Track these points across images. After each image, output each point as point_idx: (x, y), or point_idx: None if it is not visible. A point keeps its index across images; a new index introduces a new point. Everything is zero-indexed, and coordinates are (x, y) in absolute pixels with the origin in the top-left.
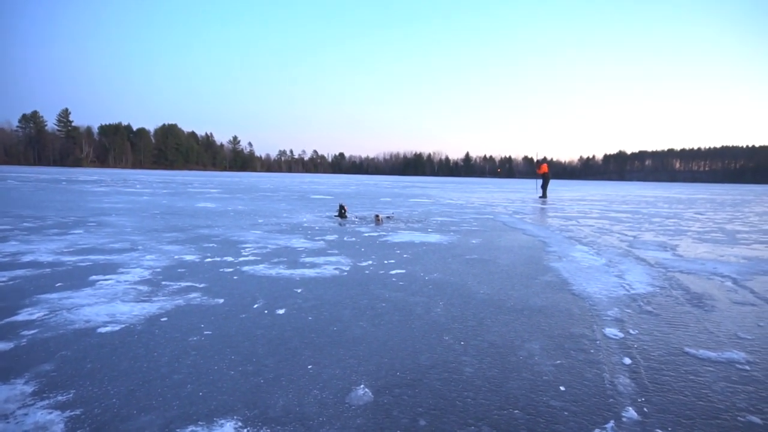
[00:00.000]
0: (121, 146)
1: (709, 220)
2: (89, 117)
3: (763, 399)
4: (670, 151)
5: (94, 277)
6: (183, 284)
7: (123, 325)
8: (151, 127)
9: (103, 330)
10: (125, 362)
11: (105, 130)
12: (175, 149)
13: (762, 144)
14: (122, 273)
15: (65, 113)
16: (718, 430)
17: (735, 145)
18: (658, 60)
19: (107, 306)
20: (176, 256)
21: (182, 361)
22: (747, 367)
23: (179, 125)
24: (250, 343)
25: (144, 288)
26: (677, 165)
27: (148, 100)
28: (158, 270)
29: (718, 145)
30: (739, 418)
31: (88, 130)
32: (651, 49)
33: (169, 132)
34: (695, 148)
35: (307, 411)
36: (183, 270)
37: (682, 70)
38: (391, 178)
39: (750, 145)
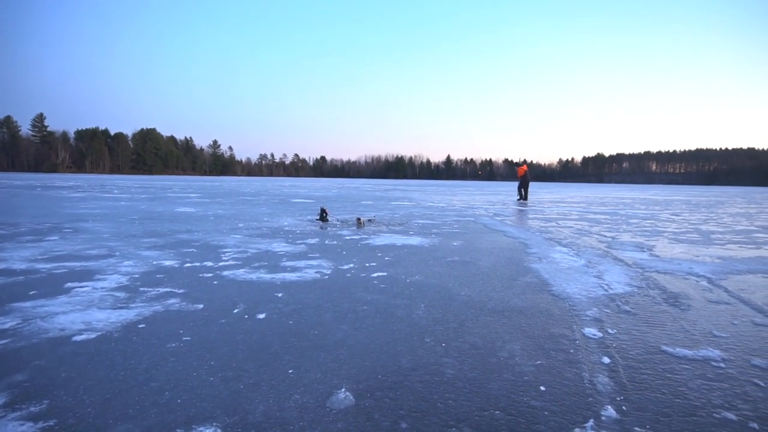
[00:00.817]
0: (99, 151)
1: (685, 221)
2: (65, 121)
3: (738, 396)
4: (647, 154)
5: (69, 285)
6: (161, 290)
7: (99, 333)
8: (129, 131)
9: (78, 338)
10: (101, 370)
11: (81, 134)
12: (154, 154)
13: (735, 146)
14: (99, 280)
15: (40, 118)
16: (694, 427)
17: (709, 147)
18: (636, 64)
19: (83, 313)
20: (155, 262)
21: (160, 368)
22: (722, 365)
23: (158, 129)
24: (230, 349)
25: (121, 294)
26: (654, 167)
27: (125, 105)
28: (136, 276)
29: (693, 148)
30: (714, 414)
31: (64, 135)
32: (629, 54)
33: (147, 136)
34: (671, 150)
35: (288, 416)
36: (162, 276)
37: (658, 74)
38: (373, 181)
39: (723, 148)
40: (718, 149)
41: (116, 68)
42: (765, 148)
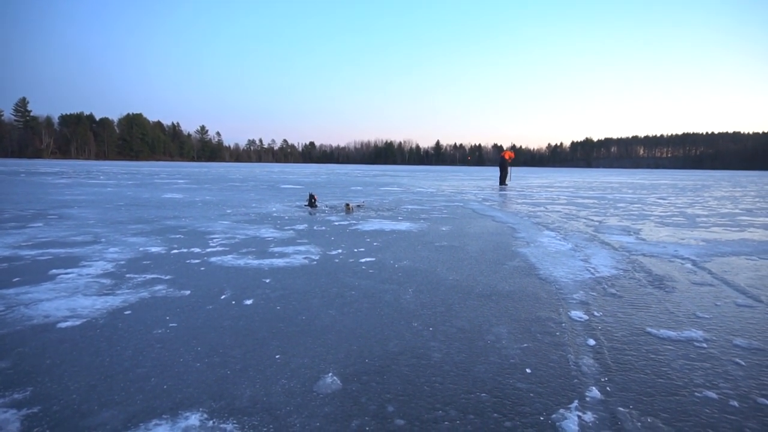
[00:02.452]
0: (84, 137)
1: (671, 205)
2: (49, 106)
3: (719, 375)
4: (635, 138)
5: (54, 271)
6: (148, 276)
7: (84, 320)
8: (114, 116)
9: (63, 325)
10: (86, 357)
11: (66, 119)
12: (141, 139)
13: (721, 131)
14: (84, 266)
15: (23, 102)
16: (676, 406)
17: (695, 132)
18: (624, 50)
19: (68, 300)
20: (141, 248)
21: (146, 354)
22: (704, 345)
23: (144, 115)
24: (217, 335)
25: (107, 281)
26: (641, 152)
27: (111, 89)
28: (122, 262)
29: (680, 132)
30: (696, 394)
31: (48, 119)
32: (617, 40)
33: (134, 122)
34: (658, 135)
35: (275, 401)
36: (148, 262)
37: (645, 60)
38: (362, 167)
39: (709, 132)
40: (704, 133)
41: (101, 52)
42: (750, 132)
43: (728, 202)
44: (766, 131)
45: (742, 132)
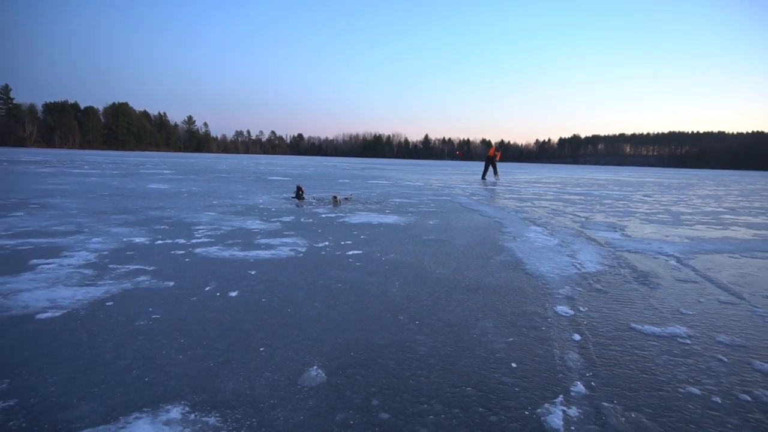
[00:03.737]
0: (68, 125)
1: (656, 203)
2: (32, 94)
3: (702, 371)
4: (622, 136)
5: (34, 261)
6: (131, 267)
7: (65, 311)
8: (100, 105)
9: (42, 316)
10: (66, 349)
11: (50, 108)
12: (127, 129)
13: (706, 130)
14: (66, 256)
15: (5, 89)
16: (660, 401)
17: (681, 131)
18: (612, 49)
19: (48, 291)
20: (125, 239)
21: (128, 346)
22: (688, 341)
23: (130, 104)
24: (201, 327)
25: (89, 272)
26: (628, 150)
27: (96, 78)
28: (105, 253)
29: (666, 131)
30: (679, 389)
31: (32, 108)
32: (605, 39)
33: (119, 111)
34: (645, 133)
35: (258, 393)
36: (132, 253)
37: (633, 59)
38: (351, 159)
39: (695, 132)
40: (689, 133)
41: (87, 39)
42: (734, 132)
43: (712, 201)
44: (749, 131)
45: (726, 132)
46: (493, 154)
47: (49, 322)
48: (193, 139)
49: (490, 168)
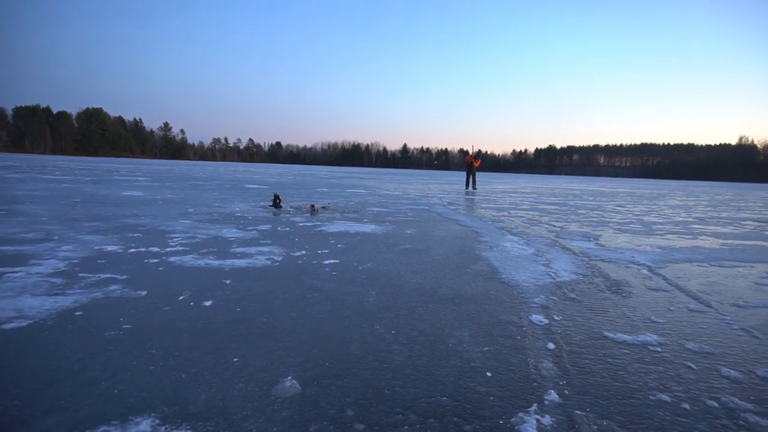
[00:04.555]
0: (40, 130)
1: (629, 212)
2: (1, 98)
3: (672, 378)
4: (596, 147)
5: (0, 270)
6: (102, 276)
7: (31, 321)
8: (73, 110)
9: (7, 326)
10: (31, 361)
11: (20, 112)
12: (101, 135)
13: (676, 142)
14: (34, 265)
15: None
16: (631, 409)
17: (653, 143)
18: (586, 61)
19: (14, 300)
20: (96, 247)
21: (97, 357)
22: (658, 349)
23: (105, 109)
24: (173, 337)
25: (58, 280)
26: (602, 160)
27: (69, 82)
28: (75, 261)
29: (638, 143)
30: (650, 396)
31: (1, 112)
32: (580, 52)
33: (93, 116)
34: (618, 144)
35: (231, 405)
36: (103, 261)
37: (606, 71)
38: (329, 168)
39: (666, 143)
40: (660, 144)
41: (59, 42)
42: (703, 145)
43: (682, 211)
44: (717, 144)
45: (695, 144)
46: (470, 161)
47: (14, 333)
48: (169, 146)
49: (471, 178)
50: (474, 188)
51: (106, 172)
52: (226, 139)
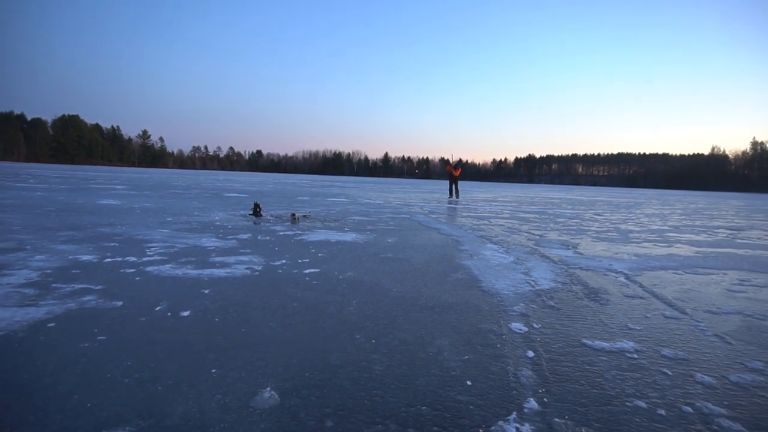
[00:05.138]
0: (13, 137)
1: (607, 221)
2: None
3: (648, 384)
4: (574, 156)
5: None
6: (76, 286)
7: (1, 333)
8: (48, 117)
9: None
10: (0, 374)
11: None
12: (77, 142)
13: (652, 152)
14: (5, 275)
15: None
16: (608, 415)
17: (629, 152)
18: (564, 73)
19: None
20: (71, 256)
21: (69, 370)
22: (635, 356)
23: (81, 116)
24: (150, 348)
25: (30, 291)
26: (580, 169)
27: (44, 88)
28: (48, 271)
29: (615, 152)
30: (627, 403)
31: None
32: (559, 63)
33: (69, 123)
34: (596, 154)
35: (208, 417)
36: (78, 271)
37: (583, 81)
38: (310, 177)
39: (642, 153)
40: (636, 154)
41: (33, 47)
42: (678, 154)
43: (658, 219)
44: (690, 153)
45: (670, 154)
46: (451, 171)
47: None
48: (148, 154)
49: (454, 187)
50: (457, 197)
51: (82, 180)
52: (206, 147)
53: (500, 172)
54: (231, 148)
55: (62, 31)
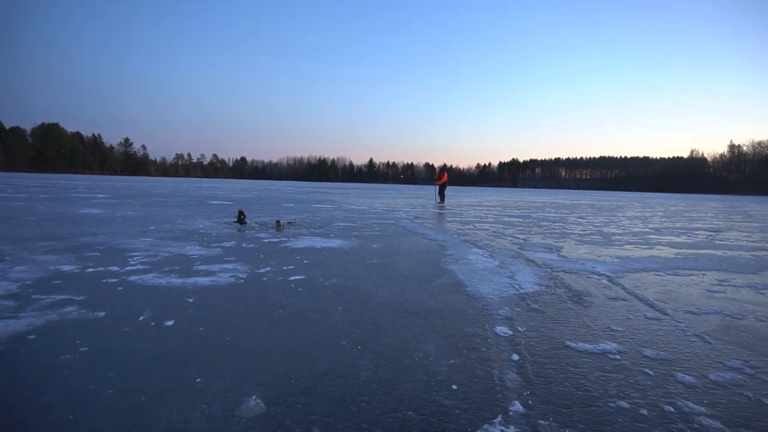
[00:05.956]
0: None
1: (589, 224)
2: None
3: (631, 385)
4: (557, 160)
5: None
6: (58, 297)
7: None
8: (27, 125)
9: None
10: None
11: None
12: (57, 151)
13: (633, 155)
14: None
15: None
16: (592, 417)
17: (611, 156)
18: (546, 78)
19: None
20: (51, 267)
21: (51, 382)
22: (618, 357)
23: (62, 125)
24: (133, 359)
25: (9, 303)
26: (563, 173)
27: (23, 96)
28: (28, 282)
29: (597, 156)
30: (610, 404)
31: None
32: (541, 69)
33: (49, 132)
34: (578, 158)
35: (193, 427)
36: (59, 282)
37: (565, 85)
38: (295, 183)
39: (623, 156)
40: (618, 158)
41: (12, 55)
42: (658, 158)
43: (639, 222)
44: (671, 157)
45: (651, 157)
46: (436, 178)
47: None
48: (130, 162)
49: (443, 191)
50: (441, 201)
51: (62, 189)
52: (189, 155)
53: (485, 176)
54: (215, 156)
55: (41, 38)
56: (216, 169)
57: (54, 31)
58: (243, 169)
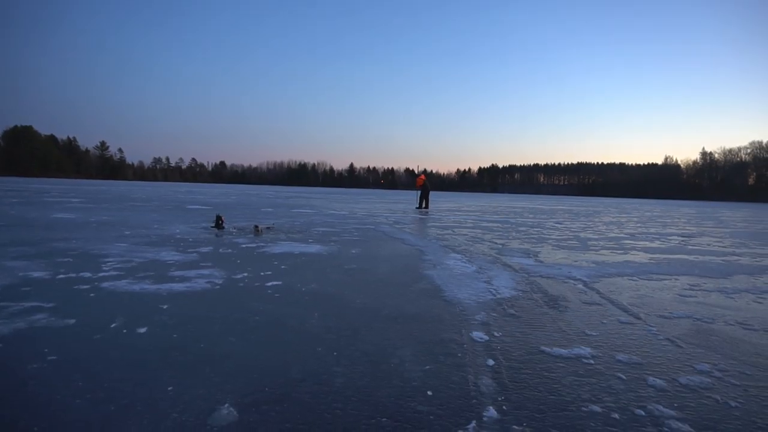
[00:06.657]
0: None
1: (567, 229)
2: None
3: (603, 389)
4: (536, 166)
5: None
6: (26, 305)
7: None
8: None
9: None
10: None
11: None
12: (30, 155)
13: (609, 162)
14: None
15: None
16: (565, 421)
17: (588, 162)
18: (523, 84)
19: None
20: (21, 273)
21: (17, 393)
22: (591, 361)
23: (35, 127)
24: (104, 367)
25: None
26: (542, 179)
27: None
28: None
29: (575, 162)
30: (583, 408)
31: None
32: (518, 76)
33: (21, 135)
34: (556, 163)
35: None
36: (28, 288)
37: (543, 92)
38: (275, 188)
39: (600, 162)
40: (595, 164)
41: None
42: (634, 164)
43: (615, 227)
44: (646, 163)
45: (627, 164)
46: (424, 182)
47: None
48: (106, 166)
49: (425, 196)
50: (421, 206)
51: (35, 193)
52: (167, 159)
53: (464, 182)
54: (193, 160)
55: (13, 39)
56: (195, 173)
57: (24, 32)
58: (222, 174)
